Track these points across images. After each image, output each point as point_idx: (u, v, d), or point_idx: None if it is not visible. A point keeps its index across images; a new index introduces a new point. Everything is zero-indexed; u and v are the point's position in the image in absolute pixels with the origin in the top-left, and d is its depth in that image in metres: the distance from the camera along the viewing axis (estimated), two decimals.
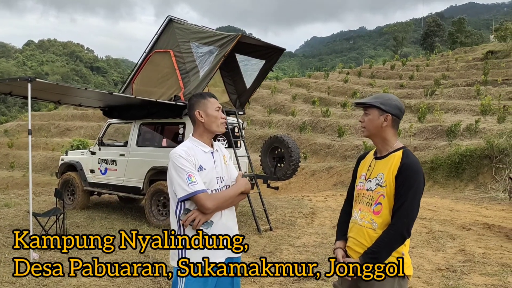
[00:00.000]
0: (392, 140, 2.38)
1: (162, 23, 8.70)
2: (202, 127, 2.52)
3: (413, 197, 2.21)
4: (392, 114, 2.33)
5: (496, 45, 33.95)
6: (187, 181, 2.31)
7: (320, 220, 8.58)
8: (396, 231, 2.21)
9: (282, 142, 8.50)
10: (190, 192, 2.30)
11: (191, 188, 2.30)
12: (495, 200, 11.54)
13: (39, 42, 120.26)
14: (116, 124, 9.57)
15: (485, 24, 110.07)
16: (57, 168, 10.10)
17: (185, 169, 2.34)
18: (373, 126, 2.36)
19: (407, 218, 2.21)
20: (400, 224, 2.20)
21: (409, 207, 2.21)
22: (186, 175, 2.32)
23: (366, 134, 2.43)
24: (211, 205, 2.34)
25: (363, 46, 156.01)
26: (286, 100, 29.73)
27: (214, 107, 2.52)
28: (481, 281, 4.96)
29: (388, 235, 2.22)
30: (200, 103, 2.51)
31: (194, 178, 2.33)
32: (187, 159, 2.37)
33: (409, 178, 2.22)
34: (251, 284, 4.81)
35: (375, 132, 2.38)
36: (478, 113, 19.67)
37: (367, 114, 2.39)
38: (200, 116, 2.50)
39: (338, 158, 18.83)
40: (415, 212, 2.24)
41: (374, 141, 2.43)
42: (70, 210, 8.85)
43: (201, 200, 2.31)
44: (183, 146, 2.47)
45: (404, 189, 2.21)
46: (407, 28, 78.48)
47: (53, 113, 36.04)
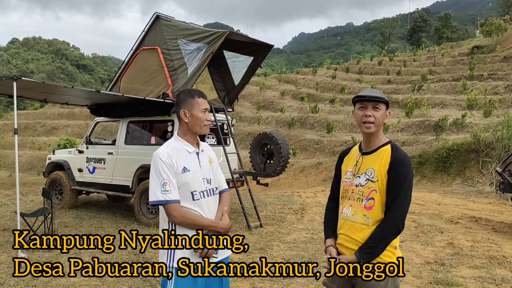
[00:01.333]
0: (382, 134, 2.41)
1: (149, 20, 8.64)
2: (186, 126, 2.48)
3: (406, 191, 2.25)
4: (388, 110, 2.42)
5: (481, 40, 34.30)
6: (161, 188, 2.31)
7: (310, 216, 8.61)
8: (392, 224, 2.23)
9: (272, 138, 8.51)
10: (161, 199, 2.31)
11: (163, 196, 2.31)
12: (482, 194, 11.69)
13: (24, 40, 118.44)
14: (104, 123, 9.49)
15: (470, 19, 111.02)
16: (44, 168, 9.98)
17: (162, 175, 2.32)
18: (381, 122, 2.36)
19: (401, 211, 2.25)
20: (396, 217, 2.23)
21: (403, 201, 2.25)
22: (162, 182, 2.31)
23: (374, 130, 2.35)
24: (177, 220, 2.34)
25: (351, 42, 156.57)
26: (274, 96, 29.75)
27: (201, 108, 2.47)
28: (469, 274, 5.02)
29: (384, 229, 2.24)
30: (186, 102, 2.46)
31: (169, 187, 2.32)
32: (168, 163, 2.34)
33: (401, 172, 2.25)
34: (242, 281, 4.81)
35: (379, 128, 2.38)
36: (464, 108, 19.88)
37: (377, 110, 2.33)
38: (184, 115, 2.46)
39: (327, 154, 18.91)
40: (408, 205, 2.29)
41: (368, 136, 2.38)
42: (58, 209, 8.77)
43: (170, 210, 2.32)
44: (167, 146, 2.43)
45: (397, 183, 2.24)
46: (394, 24, 78.86)
47: (39, 111, 35.62)
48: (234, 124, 9.06)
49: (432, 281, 4.74)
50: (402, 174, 2.25)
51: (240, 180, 8.41)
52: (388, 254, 2.27)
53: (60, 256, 5.66)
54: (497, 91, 21.99)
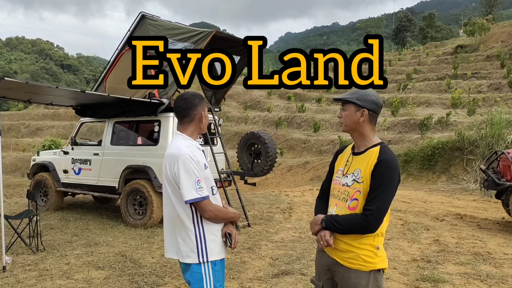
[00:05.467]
0: (370, 135, 2.36)
1: (134, 20, 8.57)
2: (197, 127, 2.62)
3: (384, 192, 2.19)
4: (368, 109, 2.32)
5: (465, 39, 34.79)
6: (195, 185, 2.40)
7: (298, 215, 8.64)
8: (363, 218, 2.18)
9: (259, 138, 8.51)
10: (198, 197, 2.41)
11: (199, 193, 2.41)
12: (467, 191, 11.86)
13: (7, 39, 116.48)
14: (89, 123, 9.39)
15: (454, 19, 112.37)
16: (29, 169, 9.84)
17: (195, 172, 2.42)
18: (351, 122, 2.36)
19: (376, 210, 2.17)
20: (368, 215, 2.17)
21: (378, 202, 2.18)
22: (196, 180, 2.41)
23: (345, 129, 2.43)
24: (212, 214, 2.48)
25: (337, 41, 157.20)
26: (261, 96, 29.76)
27: (206, 109, 2.65)
28: (455, 270, 5.08)
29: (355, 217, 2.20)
30: (202, 105, 2.60)
31: (202, 184, 2.43)
32: (195, 161, 2.45)
33: (384, 174, 2.20)
34: (231, 281, 4.80)
35: (353, 128, 2.37)
36: (449, 106, 20.13)
37: (344, 110, 2.39)
38: (203, 117, 2.60)
39: (314, 153, 18.99)
40: (384, 208, 2.21)
41: (352, 136, 2.43)
42: (44, 211, 8.65)
43: (206, 205, 2.45)
44: (186, 147, 2.50)
45: (376, 184, 2.19)
46: (379, 24, 79.58)
47: (23, 112, 35.14)
48: (221, 124, 9.04)
49: (418, 278, 4.79)
50: (384, 176, 2.19)
51: (228, 180, 8.39)
52: (368, 254, 2.24)
53: (45, 258, 5.59)
54: (480, 89, 22.32)
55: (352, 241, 2.26)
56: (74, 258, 5.60)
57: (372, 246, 2.26)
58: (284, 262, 5.46)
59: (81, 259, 5.58)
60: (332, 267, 2.36)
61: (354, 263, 2.26)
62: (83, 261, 5.50)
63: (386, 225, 2.32)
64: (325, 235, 2.28)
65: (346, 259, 2.28)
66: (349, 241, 2.27)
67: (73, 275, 4.96)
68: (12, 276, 4.91)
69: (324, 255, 2.41)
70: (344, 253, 2.29)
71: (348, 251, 2.27)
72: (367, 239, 2.25)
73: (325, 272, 2.42)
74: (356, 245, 2.26)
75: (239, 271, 5.15)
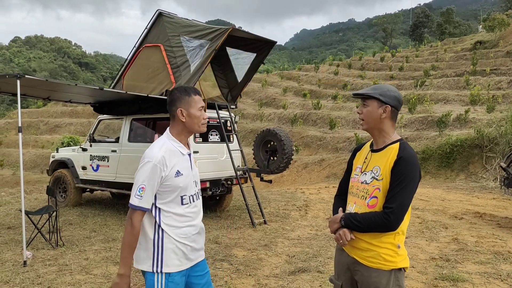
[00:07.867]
0: (390, 132, 2.31)
1: (151, 18, 8.62)
2: (182, 126, 2.37)
3: (404, 189, 2.14)
4: (391, 106, 2.26)
5: (484, 35, 34.25)
6: (137, 191, 2.21)
7: (314, 213, 8.61)
8: (384, 216, 2.13)
9: (275, 135, 8.49)
10: (131, 203, 2.22)
11: (134, 200, 2.21)
12: (486, 189, 11.67)
13: (26, 38, 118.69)
14: (107, 120, 9.49)
15: (473, 14, 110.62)
16: (48, 166, 9.99)
17: (146, 179, 2.22)
18: (372, 118, 2.29)
19: (397, 208, 2.13)
20: (389, 213, 2.13)
21: (398, 199, 2.13)
22: (140, 186, 2.22)
23: (365, 127, 2.35)
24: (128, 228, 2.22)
25: (353, 38, 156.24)
26: (277, 93, 29.73)
27: (198, 107, 2.36)
28: (475, 269, 5.01)
29: (376, 215, 2.16)
30: (183, 100, 2.34)
31: (144, 193, 2.21)
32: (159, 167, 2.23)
33: (403, 171, 2.15)
34: (247, 278, 4.81)
35: (373, 125, 2.30)
36: (467, 103, 19.83)
37: (365, 106, 2.31)
38: (181, 114, 2.34)
39: (330, 150, 18.90)
40: (405, 205, 2.16)
41: (371, 133, 2.36)
42: (63, 207, 8.79)
43: (132, 215, 2.22)
44: (161, 148, 2.29)
45: (396, 182, 2.15)
46: (396, 20, 78.80)
47: (42, 110, 35.71)
48: (237, 121, 9.05)
49: (437, 277, 4.73)
50: (404, 172, 2.14)
51: (244, 177, 8.41)
52: (389, 253, 2.20)
53: (65, 253, 5.67)
54: (500, 86, 21.93)
55: (372, 240, 2.22)
56: (92, 254, 5.68)
57: (393, 245, 2.21)
58: (301, 259, 5.44)
59: (99, 254, 5.65)
60: (352, 266, 2.33)
61: (375, 262, 2.22)
62: (102, 256, 5.56)
63: (407, 223, 2.27)
64: (344, 233, 2.25)
65: (366, 258, 2.24)
66: (369, 240, 2.23)
67: (91, 270, 5.03)
68: (32, 270, 5.00)
69: (343, 254, 2.38)
70: (364, 251, 2.25)
71: (368, 249, 2.23)
72: (388, 237, 2.21)
73: (345, 271, 2.38)
74: (377, 244, 2.22)
75: (256, 268, 5.15)
